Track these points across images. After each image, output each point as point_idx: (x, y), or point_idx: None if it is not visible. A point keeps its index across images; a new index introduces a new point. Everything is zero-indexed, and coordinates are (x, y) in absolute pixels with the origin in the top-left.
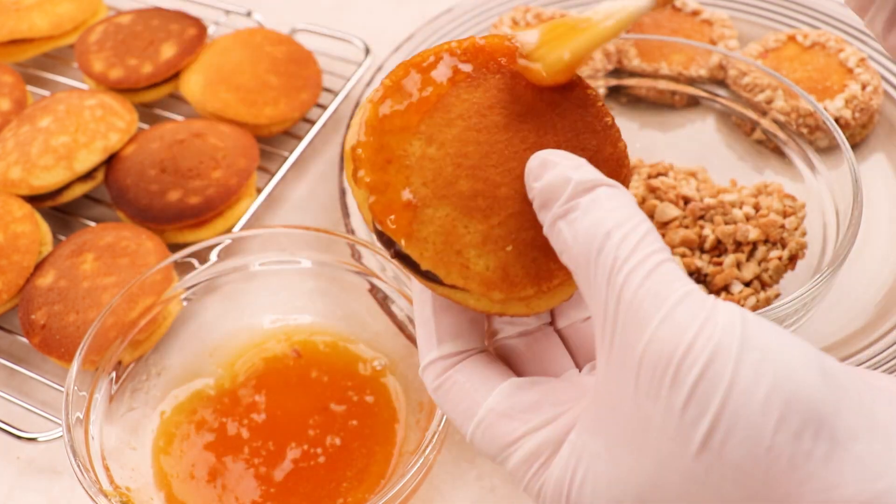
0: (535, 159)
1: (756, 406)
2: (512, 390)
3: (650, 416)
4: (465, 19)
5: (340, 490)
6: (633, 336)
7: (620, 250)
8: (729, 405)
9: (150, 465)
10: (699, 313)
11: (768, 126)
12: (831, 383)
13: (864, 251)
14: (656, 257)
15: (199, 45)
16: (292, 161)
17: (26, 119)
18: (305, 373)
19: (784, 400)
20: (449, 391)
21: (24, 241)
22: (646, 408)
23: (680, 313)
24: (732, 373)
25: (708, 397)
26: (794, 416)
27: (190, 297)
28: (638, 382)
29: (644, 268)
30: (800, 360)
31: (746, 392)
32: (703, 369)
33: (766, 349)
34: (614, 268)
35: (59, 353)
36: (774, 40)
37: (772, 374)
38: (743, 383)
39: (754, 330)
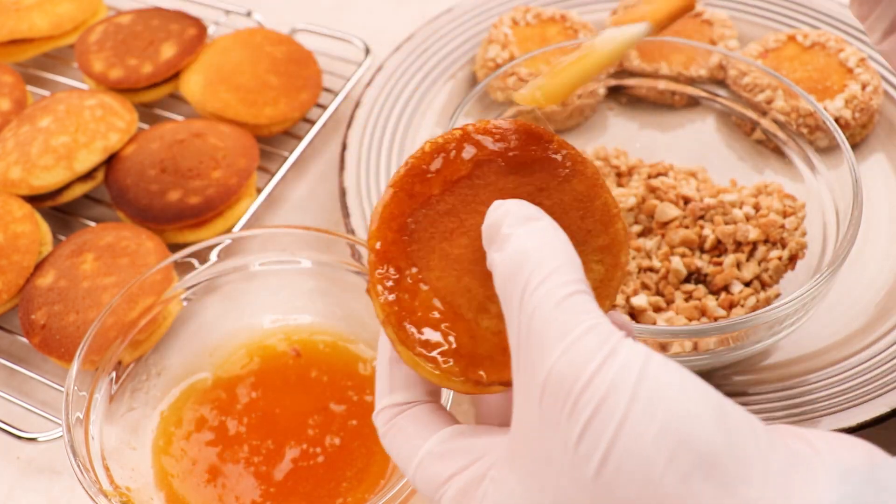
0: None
1: (646, 445)
2: (451, 435)
3: (551, 449)
4: (465, 19)
5: (340, 490)
6: (537, 365)
7: (533, 276)
8: (619, 442)
9: (150, 465)
10: (602, 348)
11: (768, 126)
12: (726, 427)
13: (864, 251)
14: (569, 287)
15: (199, 45)
16: (292, 161)
17: (26, 119)
18: (305, 372)
19: (675, 440)
20: (395, 436)
21: (24, 241)
22: (547, 440)
23: (582, 346)
24: (625, 410)
25: (600, 433)
26: (684, 456)
27: (190, 297)
28: (541, 413)
29: (554, 296)
30: (696, 403)
31: (637, 430)
32: (597, 405)
33: (662, 389)
34: (525, 293)
35: (59, 353)
36: (774, 40)
37: (664, 413)
38: (634, 421)
39: (654, 370)
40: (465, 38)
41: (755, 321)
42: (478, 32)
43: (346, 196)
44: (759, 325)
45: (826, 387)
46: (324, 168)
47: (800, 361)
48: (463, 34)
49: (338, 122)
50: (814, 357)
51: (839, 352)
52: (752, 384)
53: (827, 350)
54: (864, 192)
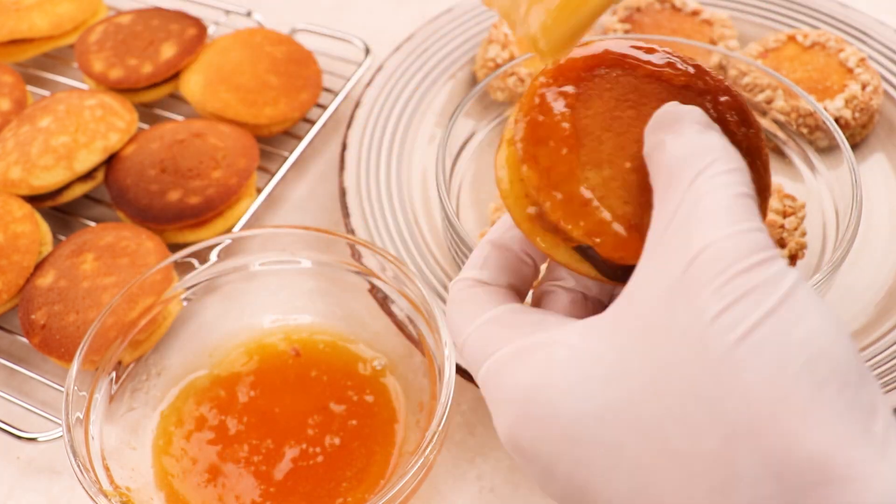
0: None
1: (789, 340)
2: (522, 308)
3: (676, 320)
4: (465, 19)
5: (340, 490)
6: (694, 239)
7: (713, 167)
8: (763, 328)
9: (150, 465)
10: (766, 250)
11: (768, 126)
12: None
13: (864, 251)
14: (744, 189)
15: (199, 45)
16: (292, 161)
17: (26, 119)
18: (305, 372)
19: (817, 350)
20: (464, 302)
21: (24, 241)
22: (675, 310)
23: (750, 240)
24: (777, 303)
25: (746, 314)
26: (823, 366)
27: (190, 297)
28: (681, 280)
29: (730, 191)
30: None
31: (784, 325)
32: (752, 288)
33: (814, 307)
34: (699, 176)
35: (59, 353)
36: (774, 40)
37: (811, 324)
38: (783, 316)
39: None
40: (465, 38)
41: None
42: (478, 32)
43: (346, 196)
44: None
45: None
46: (324, 168)
47: None
48: (463, 34)
49: (338, 122)
50: None
51: None
52: None
53: None
54: (864, 192)
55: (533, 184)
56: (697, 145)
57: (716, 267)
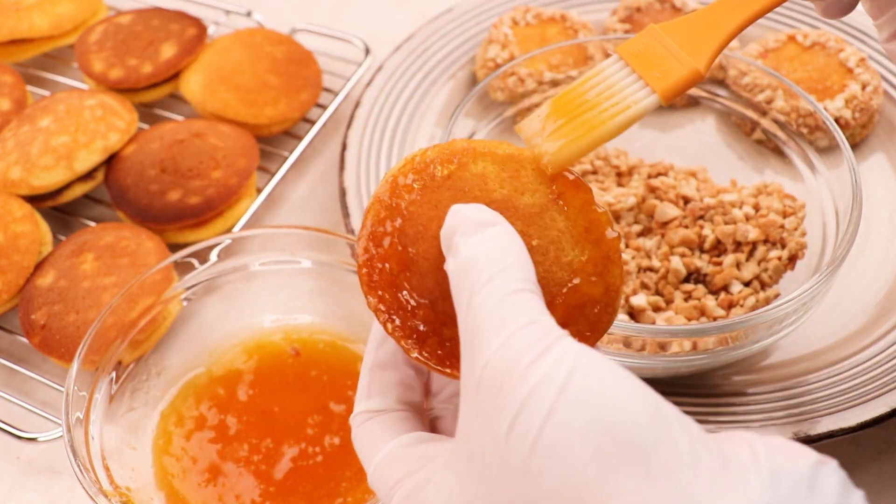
0: (451, 209)
1: (572, 436)
2: (410, 441)
3: (484, 442)
4: (465, 19)
5: (340, 490)
6: (477, 359)
7: (481, 277)
8: (546, 432)
9: (151, 465)
10: (539, 342)
11: (768, 126)
12: (658, 424)
13: (864, 251)
14: (514, 286)
15: (199, 45)
16: (292, 161)
17: (26, 119)
18: (305, 372)
19: (601, 432)
20: (363, 439)
21: (24, 241)
22: (481, 433)
23: (519, 339)
24: (553, 401)
25: (529, 424)
26: (609, 448)
27: (190, 297)
28: (477, 407)
29: (498, 294)
30: (627, 398)
31: (564, 421)
32: (527, 396)
33: (593, 383)
34: (472, 293)
35: (59, 353)
36: (774, 40)
37: (592, 406)
38: (562, 412)
39: (588, 365)
40: (465, 38)
41: (754, 321)
42: (478, 32)
43: (346, 196)
44: (758, 325)
45: (826, 387)
46: (324, 168)
47: (800, 361)
48: (463, 34)
49: (338, 122)
50: (814, 357)
51: (839, 352)
52: (752, 384)
53: (827, 350)
54: (864, 192)
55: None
56: (467, 260)
57: (495, 383)
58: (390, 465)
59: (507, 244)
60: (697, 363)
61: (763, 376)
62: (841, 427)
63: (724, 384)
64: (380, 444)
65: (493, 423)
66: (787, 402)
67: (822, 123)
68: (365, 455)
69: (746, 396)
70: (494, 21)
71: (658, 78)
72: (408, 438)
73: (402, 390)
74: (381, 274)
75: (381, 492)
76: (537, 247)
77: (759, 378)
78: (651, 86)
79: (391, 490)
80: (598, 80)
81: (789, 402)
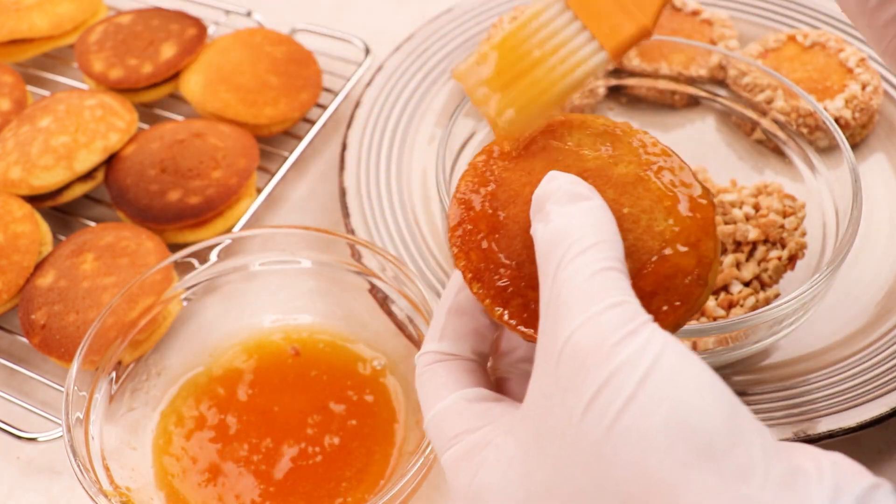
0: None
1: (650, 426)
2: (474, 396)
3: (557, 417)
4: (465, 19)
5: (340, 490)
6: (558, 332)
7: (571, 249)
8: (624, 418)
9: (151, 465)
10: (625, 325)
11: (768, 126)
12: (734, 426)
13: (864, 251)
14: (603, 263)
15: (199, 45)
16: (292, 161)
17: (26, 119)
18: (305, 371)
19: (679, 427)
20: (427, 381)
21: (24, 241)
22: (555, 408)
23: (605, 319)
24: (635, 388)
25: (607, 406)
26: (686, 444)
27: (190, 297)
28: (554, 381)
29: (587, 270)
30: (707, 396)
31: (644, 410)
32: (609, 378)
33: (675, 376)
34: (561, 265)
35: (59, 353)
36: (774, 40)
37: (673, 400)
38: (643, 401)
39: (672, 357)
40: (465, 38)
41: (754, 321)
42: (478, 32)
43: (346, 196)
44: (758, 325)
45: (826, 387)
46: (324, 168)
47: (800, 361)
48: (463, 34)
49: (338, 122)
50: (814, 357)
51: (839, 352)
52: (752, 384)
53: (827, 350)
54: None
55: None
56: (558, 231)
57: (576, 359)
58: (452, 416)
59: (601, 220)
60: None
61: (763, 376)
62: (841, 427)
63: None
64: (444, 392)
65: (568, 399)
66: (787, 402)
67: (822, 123)
68: (426, 399)
69: (746, 396)
70: (494, 21)
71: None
72: (473, 393)
73: (476, 339)
74: (470, 234)
75: (437, 441)
76: (628, 215)
77: (760, 378)
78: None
79: (448, 442)
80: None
81: (789, 402)
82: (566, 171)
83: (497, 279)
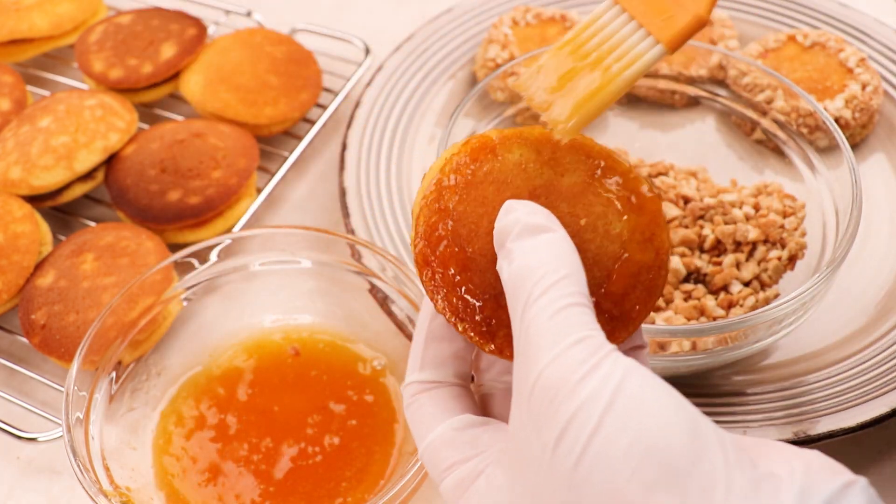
0: (503, 206)
1: (616, 453)
2: (462, 424)
3: (534, 450)
4: (465, 19)
5: (340, 490)
6: (530, 370)
7: (535, 290)
8: (591, 448)
9: (151, 465)
10: (588, 360)
11: (768, 126)
12: (696, 443)
13: (864, 251)
14: (566, 300)
15: (199, 45)
16: (292, 161)
17: (26, 119)
18: (305, 371)
19: (643, 451)
20: (415, 413)
21: (24, 241)
22: (532, 441)
23: (570, 355)
24: (599, 419)
25: (575, 438)
26: (650, 467)
27: (190, 297)
28: (528, 416)
29: (551, 308)
30: (668, 417)
31: (608, 438)
32: (575, 412)
33: (638, 402)
34: (527, 304)
35: (59, 353)
36: (774, 40)
37: (636, 425)
38: (607, 430)
39: (633, 384)
40: (465, 38)
41: (754, 321)
42: (478, 32)
43: (346, 196)
44: (757, 325)
45: (826, 387)
46: (324, 168)
47: (799, 361)
48: (463, 34)
49: (338, 122)
50: (814, 357)
51: (839, 352)
52: (752, 384)
53: (827, 350)
54: (864, 192)
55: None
56: (520, 270)
57: (546, 396)
58: (443, 447)
59: (561, 253)
60: (697, 363)
61: (763, 376)
62: (841, 427)
63: (724, 384)
64: (433, 424)
65: (542, 433)
66: (787, 402)
67: (822, 123)
68: (417, 430)
69: (746, 396)
70: (494, 21)
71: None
72: (460, 421)
73: (456, 363)
74: (442, 278)
75: (433, 472)
76: (586, 225)
77: (759, 378)
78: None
79: (443, 473)
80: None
81: (789, 402)
82: (516, 193)
83: (478, 315)
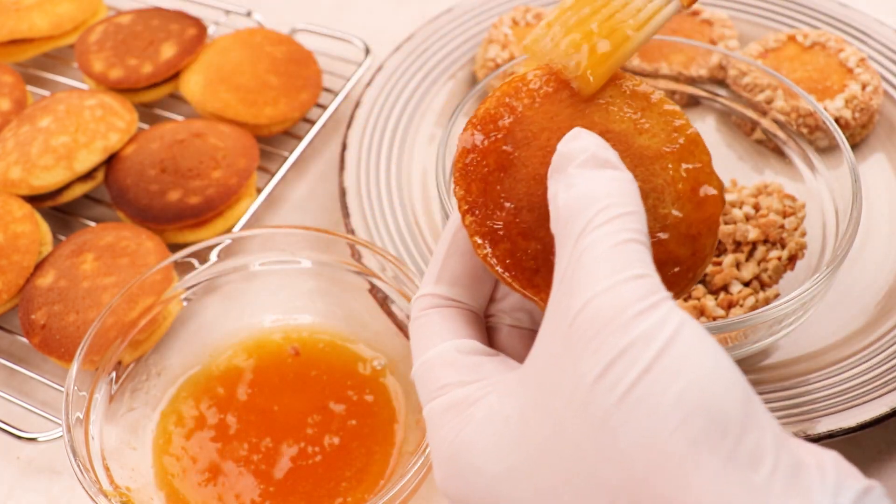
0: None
1: (664, 399)
2: (468, 348)
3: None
4: (465, 19)
5: (340, 490)
6: (577, 295)
7: (598, 217)
8: (638, 389)
9: (151, 465)
10: (646, 298)
11: (768, 126)
12: (748, 411)
13: (864, 251)
14: (629, 235)
15: (199, 45)
16: (292, 161)
17: (26, 119)
18: (305, 371)
19: (693, 404)
20: (420, 326)
21: (24, 241)
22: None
23: (628, 290)
24: (652, 360)
25: (621, 375)
26: (698, 422)
27: (190, 297)
28: (565, 344)
29: (612, 239)
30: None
31: (659, 383)
32: (626, 347)
33: (693, 354)
34: (585, 230)
35: (59, 353)
36: (774, 40)
37: (689, 376)
38: (658, 374)
39: (690, 335)
40: (465, 38)
41: (754, 321)
42: (478, 32)
43: (346, 196)
44: (757, 325)
45: (826, 387)
46: (324, 168)
47: (799, 361)
48: (463, 34)
49: (338, 122)
50: (814, 357)
51: (839, 352)
52: (752, 384)
53: (827, 350)
54: (864, 192)
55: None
56: (583, 196)
57: (593, 326)
58: (441, 366)
59: (628, 191)
60: None
61: (763, 376)
62: (841, 427)
63: None
64: (436, 340)
65: (580, 364)
66: (787, 402)
67: (822, 123)
68: (418, 345)
69: None
70: (494, 21)
71: None
72: (467, 344)
73: (474, 286)
74: (476, 165)
75: (423, 390)
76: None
77: (759, 378)
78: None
79: (433, 392)
80: None
81: (789, 402)
82: (591, 127)
83: (491, 218)
